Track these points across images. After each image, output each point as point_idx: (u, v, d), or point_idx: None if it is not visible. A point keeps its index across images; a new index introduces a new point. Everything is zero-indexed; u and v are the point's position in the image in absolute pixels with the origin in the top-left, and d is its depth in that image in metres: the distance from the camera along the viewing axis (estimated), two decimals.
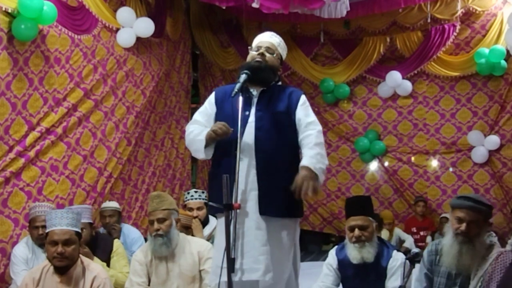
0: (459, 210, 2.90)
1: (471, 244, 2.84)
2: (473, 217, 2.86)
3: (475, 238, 2.85)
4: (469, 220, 2.85)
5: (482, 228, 2.88)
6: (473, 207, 2.87)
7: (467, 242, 2.84)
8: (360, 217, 3.37)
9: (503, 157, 7.27)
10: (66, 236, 3.01)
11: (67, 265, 3.04)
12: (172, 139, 7.28)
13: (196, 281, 3.54)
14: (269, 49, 2.98)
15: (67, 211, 3.17)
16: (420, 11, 7.35)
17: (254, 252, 2.69)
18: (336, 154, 8.17)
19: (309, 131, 2.85)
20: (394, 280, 3.27)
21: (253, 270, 2.67)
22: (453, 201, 2.98)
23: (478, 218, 2.87)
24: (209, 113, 3.00)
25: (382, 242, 3.48)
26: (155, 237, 3.48)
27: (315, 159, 2.74)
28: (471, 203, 2.89)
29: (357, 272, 3.39)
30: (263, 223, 2.74)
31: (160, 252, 3.50)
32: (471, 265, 2.85)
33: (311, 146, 2.79)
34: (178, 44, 7.47)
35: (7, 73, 4.50)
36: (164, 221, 3.51)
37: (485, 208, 2.90)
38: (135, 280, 3.55)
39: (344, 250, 3.47)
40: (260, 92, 2.92)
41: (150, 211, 3.56)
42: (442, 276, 2.94)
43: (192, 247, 3.60)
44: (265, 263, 2.69)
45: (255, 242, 2.71)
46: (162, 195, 3.68)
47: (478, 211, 2.87)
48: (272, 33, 3.10)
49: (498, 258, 2.78)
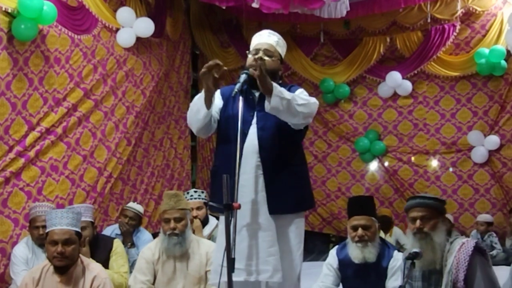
0: (410, 211, 2.97)
1: (429, 238, 2.88)
2: (423, 212, 2.91)
3: (431, 232, 2.89)
4: (421, 216, 2.91)
5: (437, 221, 2.91)
6: (421, 203, 2.94)
7: (425, 238, 2.88)
8: (363, 216, 3.38)
9: (503, 157, 7.27)
10: (66, 236, 3.02)
11: (67, 265, 3.04)
12: (171, 139, 7.27)
13: (202, 282, 3.54)
14: (267, 51, 2.93)
15: (67, 210, 3.18)
16: (420, 11, 7.35)
17: (262, 253, 2.71)
18: (336, 154, 8.17)
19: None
20: (395, 280, 3.27)
21: (261, 272, 2.69)
22: (405, 205, 3.06)
23: (429, 212, 2.92)
24: (216, 102, 2.97)
25: (383, 242, 3.48)
26: (170, 236, 3.48)
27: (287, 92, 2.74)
28: (418, 200, 2.97)
29: (358, 272, 3.39)
30: (272, 222, 2.76)
31: (173, 252, 3.50)
32: (434, 259, 2.87)
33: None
34: (178, 44, 7.47)
35: (7, 73, 4.50)
36: (181, 220, 3.52)
37: (433, 202, 2.96)
38: (140, 278, 3.55)
39: (345, 250, 3.47)
40: (261, 93, 2.89)
41: (166, 209, 3.54)
42: (418, 280, 2.97)
43: (201, 248, 3.60)
44: (274, 263, 2.71)
45: (263, 244, 2.72)
46: (179, 195, 3.69)
47: (427, 206, 2.92)
48: (269, 32, 3.04)
49: (460, 249, 2.81)
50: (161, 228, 3.60)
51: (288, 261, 2.80)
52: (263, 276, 2.69)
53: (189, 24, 7.84)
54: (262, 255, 2.70)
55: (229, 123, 2.87)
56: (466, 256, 2.77)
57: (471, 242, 2.84)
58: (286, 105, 2.69)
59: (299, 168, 2.91)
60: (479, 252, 2.83)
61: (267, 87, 2.67)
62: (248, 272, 2.70)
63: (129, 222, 4.84)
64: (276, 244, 2.73)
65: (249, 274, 2.70)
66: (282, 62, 3.04)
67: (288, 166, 2.84)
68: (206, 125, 2.90)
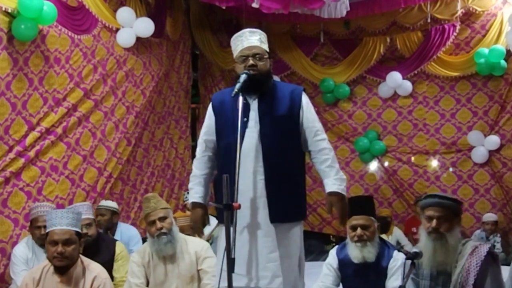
0: (427, 209, 2.95)
1: (444, 240, 2.87)
2: (441, 212, 2.90)
3: (446, 233, 2.88)
4: (438, 216, 2.89)
5: (453, 223, 2.91)
6: (439, 203, 2.92)
7: (440, 239, 2.87)
8: (362, 216, 3.39)
9: (503, 157, 7.27)
10: (66, 236, 3.01)
11: (67, 265, 3.04)
12: (171, 139, 7.27)
13: (195, 281, 3.53)
14: (256, 55, 2.82)
15: (67, 211, 3.17)
16: (420, 11, 7.35)
17: (262, 259, 2.70)
18: (335, 154, 8.13)
19: (321, 143, 2.87)
20: (394, 280, 3.27)
21: (261, 278, 2.69)
22: (421, 202, 3.05)
23: (446, 213, 2.90)
24: (211, 125, 2.97)
25: (383, 242, 3.48)
26: (159, 236, 3.47)
27: (339, 180, 2.81)
28: (437, 199, 2.94)
29: (358, 271, 3.39)
30: (272, 229, 2.74)
31: (165, 251, 3.49)
32: (446, 261, 2.87)
33: (330, 164, 2.83)
34: (178, 44, 7.47)
35: (7, 73, 4.50)
36: (165, 219, 3.51)
37: (451, 203, 2.94)
38: (133, 282, 3.54)
39: (345, 250, 3.47)
40: (259, 98, 2.85)
41: (148, 212, 3.54)
42: (426, 279, 2.96)
43: (189, 247, 3.59)
44: (273, 269, 2.70)
45: (263, 250, 2.71)
46: (157, 196, 3.71)
47: (445, 207, 2.91)
48: (249, 32, 2.90)
49: (473, 252, 2.80)
50: (148, 233, 3.57)
51: (289, 267, 2.78)
52: (262, 282, 2.69)
53: (189, 24, 7.84)
54: (261, 261, 2.70)
55: (225, 126, 2.84)
56: (478, 261, 2.77)
57: (485, 247, 2.83)
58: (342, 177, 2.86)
59: (299, 177, 2.89)
60: (492, 258, 2.82)
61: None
62: (249, 278, 2.70)
63: (100, 219, 4.91)
64: (276, 250, 2.72)
65: (250, 280, 2.70)
66: (270, 55, 2.93)
67: (289, 175, 2.81)
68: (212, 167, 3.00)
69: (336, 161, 2.89)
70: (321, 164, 2.84)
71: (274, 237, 2.74)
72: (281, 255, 2.74)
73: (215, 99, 3.02)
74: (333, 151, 2.91)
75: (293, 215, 2.83)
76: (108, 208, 5.06)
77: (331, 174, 2.81)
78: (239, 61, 2.87)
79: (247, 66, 2.79)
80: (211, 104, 3.01)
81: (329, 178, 2.80)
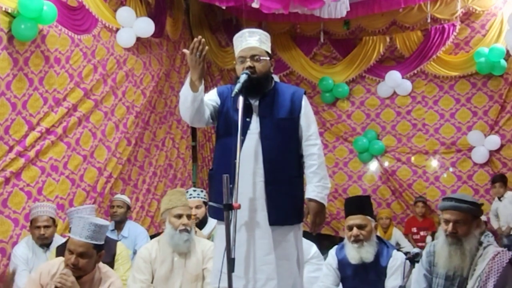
0: (445, 212, 2.95)
1: (460, 244, 2.87)
2: (457, 216, 2.90)
3: (464, 237, 2.88)
4: (454, 220, 2.89)
5: (471, 226, 2.90)
6: (456, 206, 2.91)
7: (456, 243, 2.88)
8: (359, 216, 3.39)
9: (503, 157, 7.26)
10: (81, 249, 2.97)
11: (79, 276, 2.99)
12: (173, 139, 7.28)
13: (199, 279, 3.54)
14: (254, 57, 2.80)
15: (90, 222, 3.05)
16: (420, 11, 7.36)
17: (258, 261, 2.70)
18: (333, 154, 8.15)
19: (311, 148, 2.85)
20: (394, 279, 3.27)
21: (257, 280, 2.68)
22: (440, 204, 3.05)
23: (463, 217, 2.90)
24: (212, 97, 2.94)
25: (381, 241, 3.48)
26: (181, 232, 3.47)
27: (320, 187, 2.81)
28: (453, 203, 2.94)
29: (357, 271, 3.40)
30: (269, 231, 2.74)
31: (182, 248, 3.50)
32: (462, 266, 2.87)
33: (314, 171, 2.82)
34: (178, 44, 7.47)
35: (7, 73, 4.51)
36: (190, 217, 3.57)
37: (468, 206, 2.92)
38: (138, 277, 3.55)
39: (343, 250, 3.48)
40: (260, 101, 2.85)
41: (177, 205, 3.53)
42: (441, 277, 2.96)
43: (197, 246, 3.61)
44: (267, 272, 2.69)
45: (259, 252, 2.71)
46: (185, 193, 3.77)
47: (462, 210, 2.90)
48: (248, 32, 2.88)
49: (495, 258, 2.80)
50: (169, 224, 3.54)
51: (288, 269, 2.78)
52: (258, 284, 2.69)
53: (189, 24, 7.84)
54: (257, 263, 2.70)
55: (226, 124, 2.83)
56: (499, 267, 2.77)
57: (507, 254, 2.83)
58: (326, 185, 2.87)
59: (298, 180, 2.87)
60: None
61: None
62: (246, 280, 2.70)
63: (117, 211, 5.16)
64: (272, 252, 2.71)
65: (247, 282, 2.70)
66: (271, 56, 2.91)
67: (289, 177, 2.80)
68: (197, 110, 2.77)
69: (324, 168, 2.88)
70: (307, 169, 2.85)
71: (270, 239, 2.73)
72: (279, 257, 2.73)
73: (219, 89, 3.02)
74: (323, 157, 2.89)
75: (292, 218, 2.83)
76: (125, 202, 5.29)
77: (313, 180, 2.81)
78: (238, 62, 2.87)
79: (245, 68, 2.79)
80: (216, 90, 2.99)
81: (310, 184, 2.82)
